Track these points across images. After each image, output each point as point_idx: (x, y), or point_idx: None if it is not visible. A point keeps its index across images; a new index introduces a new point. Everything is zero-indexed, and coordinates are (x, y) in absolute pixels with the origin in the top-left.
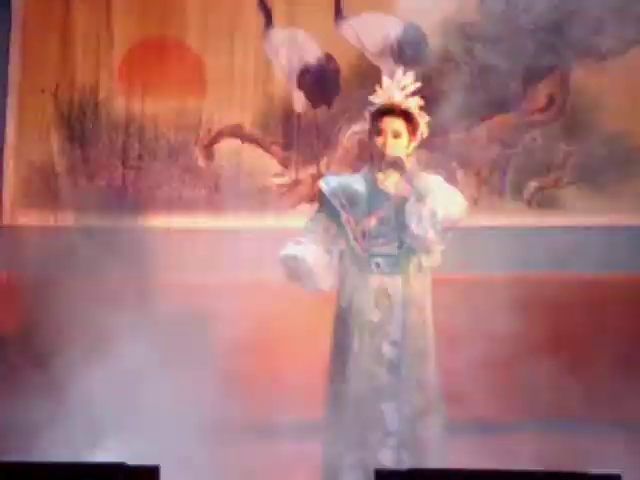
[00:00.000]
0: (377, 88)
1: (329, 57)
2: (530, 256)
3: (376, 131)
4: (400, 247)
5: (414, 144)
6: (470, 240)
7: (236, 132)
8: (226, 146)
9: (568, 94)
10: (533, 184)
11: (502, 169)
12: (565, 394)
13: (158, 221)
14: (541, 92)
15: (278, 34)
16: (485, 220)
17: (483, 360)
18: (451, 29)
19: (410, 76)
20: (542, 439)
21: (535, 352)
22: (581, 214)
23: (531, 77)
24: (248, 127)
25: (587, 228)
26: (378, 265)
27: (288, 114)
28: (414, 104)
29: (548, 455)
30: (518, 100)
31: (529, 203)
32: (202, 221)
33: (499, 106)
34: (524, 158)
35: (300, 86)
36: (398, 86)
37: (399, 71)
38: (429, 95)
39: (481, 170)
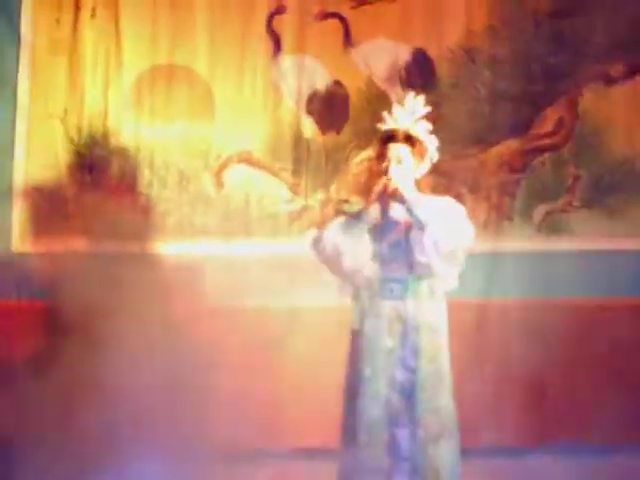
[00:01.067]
0: (385, 114)
1: (338, 83)
2: (541, 281)
3: (381, 157)
4: (410, 272)
5: (423, 169)
6: (480, 265)
7: (245, 158)
8: (236, 173)
9: (577, 118)
10: (542, 208)
11: (511, 194)
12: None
13: (169, 248)
14: (550, 117)
15: (287, 60)
16: (495, 245)
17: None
18: (459, 55)
19: (420, 100)
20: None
21: (548, 375)
22: (591, 238)
23: (540, 102)
24: (257, 153)
25: (597, 252)
26: (392, 290)
27: (297, 140)
28: (423, 128)
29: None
30: (527, 125)
31: (539, 228)
32: (213, 248)
33: (508, 131)
34: (533, 183)
35: (309, 112)
36: (409, 111)
37: (410, 95)
38: (438, 121)
39: (490, 195)
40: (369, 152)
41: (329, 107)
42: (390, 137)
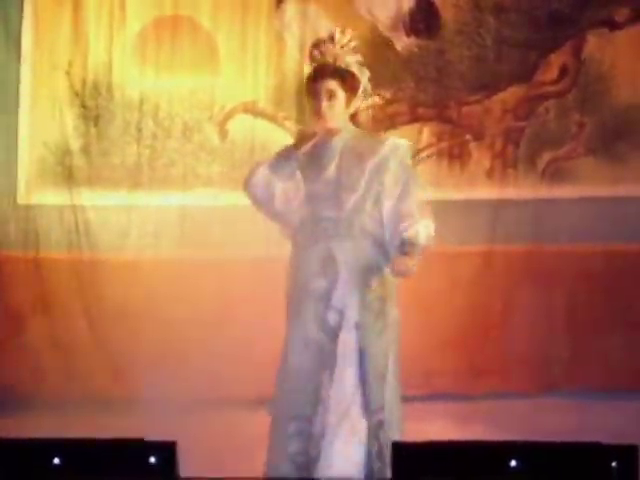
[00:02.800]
0: (313, 51)
1: (342, 31)
2: (543, 228)
3: (312, 95)
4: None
5: (356, 102)
6: (483, 212)
7: (249, 108)
8: (240, 122)
9: (581, 65)
10: (546, 156)
11: (515, 141)
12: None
13: (173, 199)
14: (554, 63)
15: (290, 9)
16: (499, 193)
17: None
18: (463, 1)
19: (349, 34)
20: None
21: (551, 322)
22: (595, 185)
23: (544, 48)
24: (261, 103)
25: (601, 199)
26: (326, 229)
27: (301, 89)
28: (353, 60)
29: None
30: (531, 71)
31: (542, 175)
32: (217, 198)
33: (512, 78)
34: (537, 130)
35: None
36: (338, 45)
37: (337, 31)
38: (442, 67)
39: (495, 143)
40: (374, 99)
41: None
42: (319, 73)
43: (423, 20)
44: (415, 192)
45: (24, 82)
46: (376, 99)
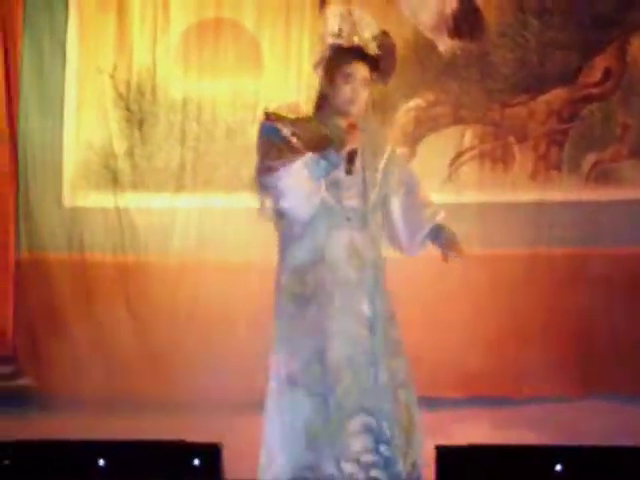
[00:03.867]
0: (333, 25)
1: (385, 33)
2: (588, 231)
3: (342, 76)
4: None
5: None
6: (526, 215)
7: (292, 110)
8: None
9: (625, 67)
10: (591, 158)
11: (560, 143)
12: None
13: (217, 201)
14: (598, 65)
15: (333, 11)
16: (543, 195)
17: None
18: (506, 3)
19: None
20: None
21: (592, 327)
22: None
23: (588, 50)
24: (305, 105)
25: None
26: (349, 219)
27: None
28: (374, 45)
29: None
30: (575, 74)
31: (587, 178)
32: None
33: (556, 80)
34: (582, 132)
35: None
36: (362, 25)
37: (356, 11)
38: (485, 69)
39: (539, 145)
40: (416, 101)
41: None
42: (350, 55)
43: (466, 22)
44: (420, 186)
45: (69, 86)
46: (418, 101)
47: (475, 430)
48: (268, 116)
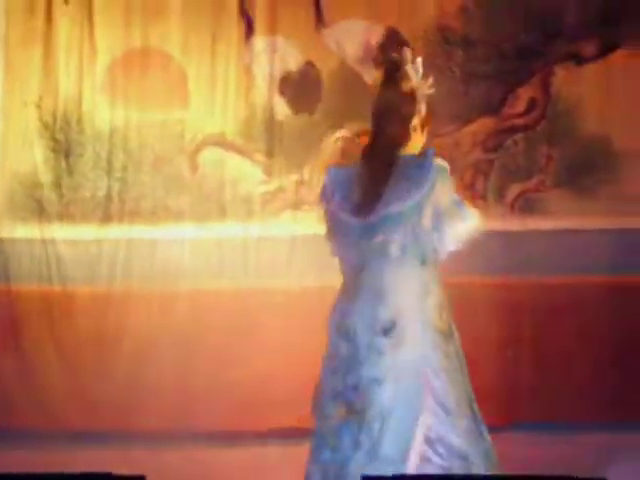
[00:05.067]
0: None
1: (310, 64)
2: (512, 260)
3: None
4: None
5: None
6: None
7: (219, 141)
8: (210, 155)
9: (549, 98)
10: (515, 188)
11: (485, 173)
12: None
13: (143, 232)
14: (522, 96)
15: (259, 42)
16: None
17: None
18: (432, 35)
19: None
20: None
21: (518, 356)
22: (563, 218)
23: (512, 81)
24: (231, 135)
25: (569, 232)
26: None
27: (270, 122)
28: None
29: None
30: (500, 104)
31: (512, 207)
32: (187, 231)
33: (481, 110)
34: (506, 162)
35: (282, 93)
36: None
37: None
38: None
39: (464, 175)
40: (342, 132)
41: (302, 88)
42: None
43: (392, 53)
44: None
45: None
46: (344, 132)
47: None
48: None
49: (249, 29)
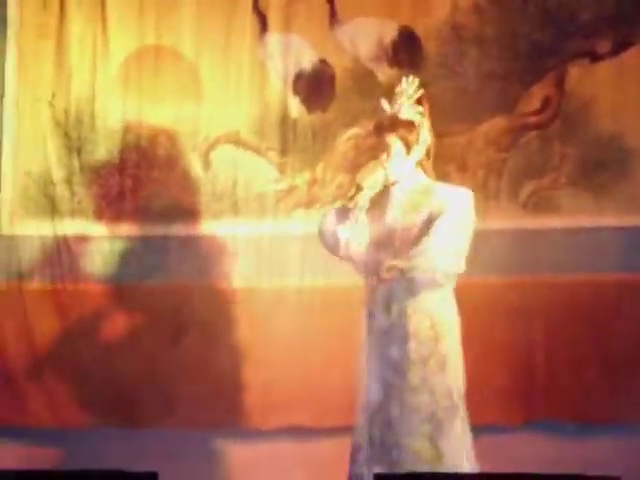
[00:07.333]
0: (384, 102)
1: (324, 62)
2: (525, 259)
3: (379, 147)
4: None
5: (418, 150)
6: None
7: (232, 139)
8: (223, 153)
9: (563, 96)
10: (529, 187)
11: (498, 172)
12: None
13: (156, 229)
14: (536, 94)
15: (273, 39)
16: (481, 224)
17: (482, 364)
18: (445, 33)
19: (415, 83)
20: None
21: (530, 356)
22: (577, 216)
23: (526, 79)
24: (244, 134)
25: (583, 230)
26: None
27: (284, 119)
28: (413, 112)
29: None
30: (513, 103)
31: (525, 206)
32: (200, 229)
33: (495, 109)
34: (520, 161)
35: (295, 91)
36: (406, 95)
37: (404, 80)
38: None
39: (477, 174)
40: (356, 130)
41: (315, 86)
42: (379, 127)
43: (405, 52)
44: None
45: (7, 114)
46: (357, 130)
47: None
48: None
49: (263, 26)
